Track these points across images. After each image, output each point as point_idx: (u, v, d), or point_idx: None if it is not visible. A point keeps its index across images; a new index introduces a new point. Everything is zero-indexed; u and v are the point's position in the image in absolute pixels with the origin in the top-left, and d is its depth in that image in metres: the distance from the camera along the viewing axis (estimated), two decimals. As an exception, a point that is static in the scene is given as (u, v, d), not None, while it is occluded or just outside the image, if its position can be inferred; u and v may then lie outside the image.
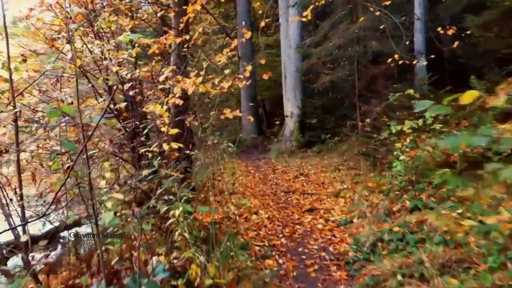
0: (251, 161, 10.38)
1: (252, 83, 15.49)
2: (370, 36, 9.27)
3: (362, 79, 9.62)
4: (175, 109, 6.87)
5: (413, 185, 4.88)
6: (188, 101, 6.57)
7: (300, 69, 10.55)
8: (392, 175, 5.41)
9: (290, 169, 8.64)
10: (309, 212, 5.32)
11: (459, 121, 6.52)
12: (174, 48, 6.88)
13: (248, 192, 6.45)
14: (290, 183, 7.37)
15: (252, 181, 7.58)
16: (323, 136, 10.25)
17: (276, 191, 6.63)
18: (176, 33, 6.38)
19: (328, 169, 8.02)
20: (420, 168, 5.05)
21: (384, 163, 7.01)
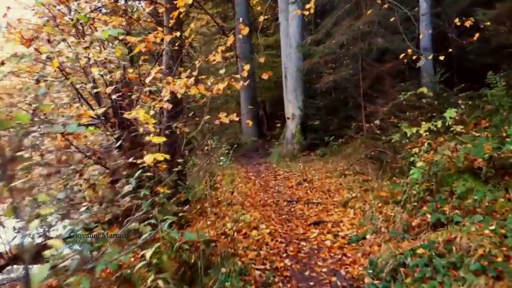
0: (251, 165, 9.78)
1: (252, 84, 14.92)
2: (375, 32, 8.67)
3: (367, 78, 9.02)
4: (168, 113, 6.30)
5: (433, 195, 4.27)
6: (182, 105, 5.99)
7: (301, 69, 9.96)
8: (406, 182, 4.81)
9: (293, 174, 8.03)
10: (315, 226, 4.71)
11: (478, 121, 5.91)
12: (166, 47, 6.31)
13: (247, 202, 5.85)
14: (293, 190, 6.77)
15: (252, 189, 6.98)
16: (327, 139, 9.65)
17: (278, 201, 6.03)
18: (167, 30, 5.82)
19: (333, 174, 7.41)
20: (440, 175, 4.44)
21: (394, 167, 6.40)
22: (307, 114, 10.56)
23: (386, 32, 8.89)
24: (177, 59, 6.18)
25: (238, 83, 4.49)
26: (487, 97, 6.19)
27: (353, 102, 9.51)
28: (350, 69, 9.22)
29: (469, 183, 4.32)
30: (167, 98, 3.85)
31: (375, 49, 8.47)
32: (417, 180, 4.33)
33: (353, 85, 9.67)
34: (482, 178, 4.27)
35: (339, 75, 9.06)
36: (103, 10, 9.54)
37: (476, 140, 4.97)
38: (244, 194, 6.46)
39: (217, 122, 4.19)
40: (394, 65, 8.85)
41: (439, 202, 4.05)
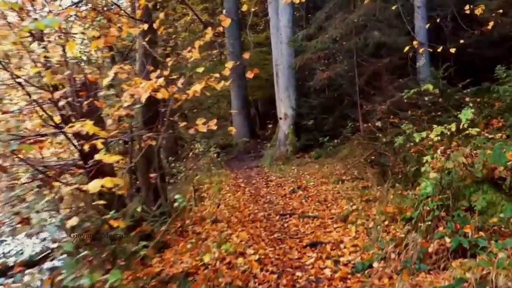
0: (242, 170, 9.04)
1: (242, 83, 14.16)
2: (371, 26, 7.96)
3: (362, 75, 8.31)
4: (143, 118, 5.53)
5: (449, 211, 3.57)
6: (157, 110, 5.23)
7: (293, 65, 9.21)
8: (415, 194, 4.11)
9: (286, 180, 7.31)
10: (312, 248, 3.99)
11: (489, 121, 5.23)
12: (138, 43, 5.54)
13: (235, 218, 5.11)
14: (286, 200, 6.05)
15: (241, 199, 6.25)
16: (321, 139, 8.95)
17: (270, 214, 5.30)
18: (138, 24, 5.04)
19: (330, 179, 6.70)
20: (455, 186, 3.75)
21: (396, 172, 5.71)
22: (300, 114, 9.84)
23: (382, 26, 8.18)
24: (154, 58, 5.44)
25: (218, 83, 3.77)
26: (496, 93, 5.51)
27: (348, 100, 8.81)
28: (344, 65, 8.51)
29: (490, 195, 3.63)
30: (128, 104, 3.09)
31: (371, 43, 7.75)
32: (428, 192, 3.62)
33: (348, 82, 8.96)
34: (505, 190, 3.59)
35: (333, 71, 8.34)
36: (82, 7, 8.71)
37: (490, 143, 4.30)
38: (232, 206, 5.73)
39: (191, 131, 3.45)
40: (392, 60, 8.16)
41: (459, 221, 3.35)
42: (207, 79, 3.70)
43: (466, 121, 3.71)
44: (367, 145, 7.40)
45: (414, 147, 5.17)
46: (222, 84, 3.90)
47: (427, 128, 5.47)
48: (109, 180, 2.28)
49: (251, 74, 4.09)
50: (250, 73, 4.11)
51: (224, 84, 3.92)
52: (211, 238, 4.30)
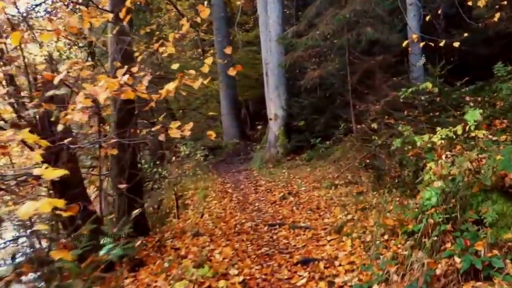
0: (230, 174, 8.57)
1: (232, 83, 13.68)
2: (363, 22, 7.55)
3: (355, 73, 7.90)
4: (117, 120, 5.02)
5: (456, 224, 3.16)
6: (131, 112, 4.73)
7: (283, 64, 8.77)
8: (416, 203, 3.69)
9: (276, 185, 6.86)
10: (304, 266, 3.54)
11: (491, 121, 4.84)
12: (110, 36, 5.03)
13: (219, 229, 4.64)
14: (276, 207, 5.60)
15: (227, 207, 5.78)
16: (313, 141, 8.50)
17: (258, 225, 4.84)
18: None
19: (322, 184, 6.27)
20: (461, 196, 3.33)
21: (392, 177, 5.30)
22: (291, 114, 9.40)
23: (375, 22, 7.78)
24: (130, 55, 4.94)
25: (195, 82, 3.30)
26: (499, 92, 5.14)
27: (340, 99, 8.39)
28: (336, 64, 8.09)
29: (500, 206, 3.21)
30: (82, 106, 2.59)
31: (363, 40, 7.34)
32: (433, 204, 3.20)
33: (340, 81, 8.55)
34: (518, 200, 3.18)
35: (324, 70, 7.91)
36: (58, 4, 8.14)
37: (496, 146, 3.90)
38: (217, 216, 5.25)
39: (161, 138, 2.97)
40: (385, 58, 7.77)
41: (468, 236, 2.93)
42: (181, 77, 3.22)
43: (473, 123, 3.29)
44: (360, 147, 6.99)
45: (412, 150, 4.76)
46: (200, 82, 3.43)
47: (426, 130, 5.09)
48: (46, 204, 1.79)
49: (234, 72, 3.63)
50: (232, 70, 3.65)
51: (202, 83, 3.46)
52: (191, 255, 3.82)
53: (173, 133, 2.98)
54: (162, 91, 3.31)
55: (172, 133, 2.97)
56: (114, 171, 4.91)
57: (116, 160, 4.83)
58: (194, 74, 3.49)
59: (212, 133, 3.45)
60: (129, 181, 4.66)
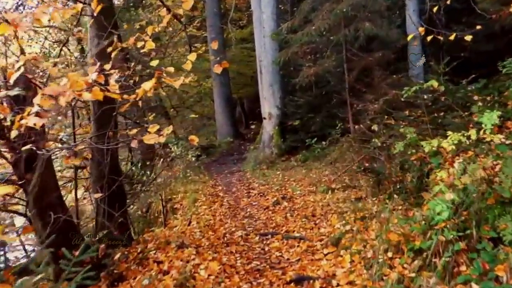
0: (222, 175, 8.13)
1: (225, 81, 13.22)
2: (361, 16, 7.12)
3: (352, 70, 7.48)
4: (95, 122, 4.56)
5: (471, 242, 2.75)
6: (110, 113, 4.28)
7: (277, 61, 8.33)
8: (423, 215, 3.28)
9: (269, 188, 6.44)
10: (297, 284, 3.13)
11: (503, 123, 4.43)
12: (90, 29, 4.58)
13: (207, 239, 4.21)
14: (269, 213, 5.18)
15: (217, 213, 5.35)
16: (308, 141, 8.10)
17: (249, 234, 4.42)
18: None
19: (318, 188, 5.86)
20: (475, 209, 2.93)
21: (393, 182, 4.90)
22: (285, 113, 8.97)
23: (373, 16, 7.36)
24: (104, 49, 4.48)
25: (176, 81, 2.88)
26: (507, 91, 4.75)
27: (337, 98, 7.98)
28: (333, 60, 7.66)
29: (519, 219, 2.82)
30: (37, 110, 2.14)
31: (361, 35, 6.90)
32: (445, 219, 2.79)
33: (337, 79, 8.13)
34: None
35: (320, 67, 7.48)
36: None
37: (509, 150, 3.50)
38: (206, 223, 4.82)
39: (133, 145, 2.54)
40: (384, 54, 7.35)
41: (486, 258, 2.53)
42: (158, 75, 2.79)
43: (490, 127, 2.88)
44: (358, 149, 6.59)
45: (415, 154, 4.35)
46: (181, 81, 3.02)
47: (430, 132, 4.68)
48: None
49: (219, 69, 3.23)
50: (218, 67, 3.25)
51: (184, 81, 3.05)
52: (174, 270, 3.40)
53: (148, 139, 2.55)
54: (139, 90, 2.88)
55: (147, 140, 2.53)
56: (94, 176, 4.47)
57: (95, 164, 4.40)
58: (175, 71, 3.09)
59: (195, 138, 3.02)
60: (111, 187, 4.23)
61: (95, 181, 4.38)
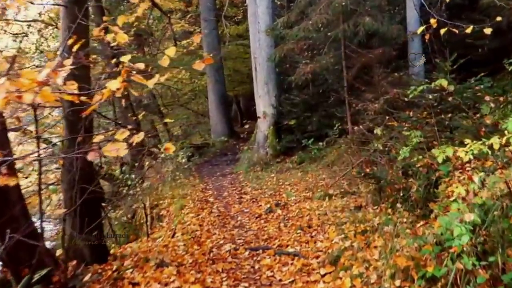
0: (214, 178, 7.66)
1: (220, 78, 12.72)
2: (361, 11, 6.65)
3: (351, 68, 7.02)
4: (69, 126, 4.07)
5: (492, 270, 2.31)
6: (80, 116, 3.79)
7: (272, 57, 7.84)
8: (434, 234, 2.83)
9: (263, 192, 5.99)
10: (290, 315, 2.68)
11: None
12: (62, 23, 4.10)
13: (191, 255, 3.75)
14: (261, 223, 4.72)
15: (205, 222, 4.88)
16: (304, 142, 7.63)
17: (238, 248, 3.95)
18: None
19: (315, 193, 5.42)
20: (498, 230, 2.48)
21: (396, 189, 4.45)
22: (281, 112, 8.50)
23: (374, 11, 6.88)
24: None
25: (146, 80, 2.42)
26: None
27: (335, 97, 7.51)
28: (330, 57, 7.17)
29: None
30: None
31: (361, 31, 6.43)
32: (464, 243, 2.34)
33: (335, 77, 7.66)
34: None
35: (317, 64, 7.00)
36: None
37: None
38: (191, 234, 4.36)
39: (91, 157, 2.06)
40: (385, 51, 6.88)
41: (515, 293, 2.08)
42: (125, 73, 2.31)
43: None
44: (357, 151, 6.14)
45: (421, 160, 3.90)
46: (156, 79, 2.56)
47: (436, 135, 4.23)
48: None
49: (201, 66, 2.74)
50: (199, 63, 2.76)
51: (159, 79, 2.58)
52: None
53: (110, 150, 2.07)
54: (105, 91, 2.40)
55: (107, 151, 2.05)
56: (65, 183, 3.99)
57: (66, 171, 3.92)
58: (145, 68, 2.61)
59: (171, 146, 2.54)
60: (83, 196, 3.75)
61: (66, 189, 3.90)
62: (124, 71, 2.37)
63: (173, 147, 2.55)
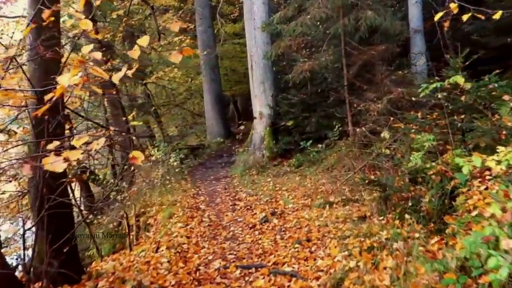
0: (207, 182, 7.18)
1: (215, 77, 12.23)
2: (362, 4, 6.17)
3: (352, 66, 6.55)
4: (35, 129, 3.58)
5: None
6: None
7: (269, 54, 7.36)
8: (456, 256, 2.36)
9: (258, 199, 5.52)
10: None
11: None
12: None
13: (174, 275, 3.27)
14: (255, 234, 4.25)
15: (194, 233, 4.40)
16: (303, 144, 7.16)
17: (228, 266, 3.47)
18: None
19: (314, 200, 4.95)
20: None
21: (404, 197, 3.98)
22: (278, 113, 8.03)
23: (376, 5, 6.41)
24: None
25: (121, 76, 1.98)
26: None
27: (335, 96, 7.04)
28: (330, 54, 6.70)
29: None
30: None
31: (363, 26, 5.96)
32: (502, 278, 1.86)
33: (335, 75, 7.20)
34: None
35: (316, 62, 6.53)
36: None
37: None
38: (178, 248, 3.88)
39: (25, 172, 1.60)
40: (388, 48, 6.41)
41: None
42: (80, 64, 1.85)
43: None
44: (359, 154, 5.68)
45: (434, 167, 3.44)
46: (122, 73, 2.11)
47: (451, 139, 3.77)
48: None
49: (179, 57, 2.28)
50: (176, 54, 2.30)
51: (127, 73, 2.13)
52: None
53: (50, 163, 1.60)
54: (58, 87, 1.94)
55: (46, 164, 1.58)
56: (32, 194, 3.51)
57: (34, 182, 3.43)
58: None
59: (138, 155, 2.07)
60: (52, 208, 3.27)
61: (34, 200, 3.42)
62: (78, 62, 1.91)
63: (141, 155, 2.08)
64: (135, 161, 2.05)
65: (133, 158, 2.04)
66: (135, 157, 2.05)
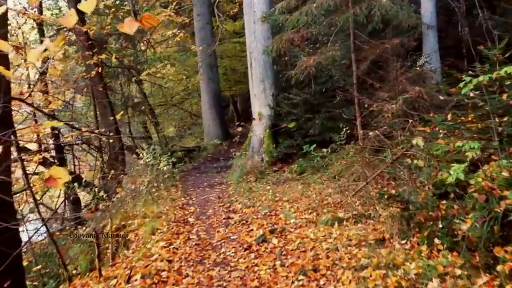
0: (200, 189, 6.40)
1: (214, 76, 11.48)
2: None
3: (362, 61, 5.78)
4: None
5: None
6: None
7: (269, 49, 6.59)
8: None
9: (255, 211, 4.74)
10: None
11: None
12: None
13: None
14: (251, 258, 3.47)
15: (178, 255, 3.62)
16: (306, 147, 6.41)
17: (213, 307, 2.71)
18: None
19: (321, 215, 4.17)
20: None
21: (432, 217, 3.21)
22: (279, 114, 7.25)
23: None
24: None
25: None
26: None
27: (342, 95, 6.27)
28: (337, 49, 5.94)
29: None
30: None
31: (376, 16, 5.18)
32: None
33: (342, 72, 6.44)
34: None
35: (322, 57, 5.76)
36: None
37: None
38: (154, 278, 3.10)
39: None
40: (403, 42, 5.64)
41: None
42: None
43: None
44: (370, 161, 4.90)
45: (477, 185, 2.66)
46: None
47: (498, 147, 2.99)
48: None
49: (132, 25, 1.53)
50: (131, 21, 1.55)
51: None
52: None
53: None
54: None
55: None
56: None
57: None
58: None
59: (60, 177, 1.32)
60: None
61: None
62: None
63: (65, 175, 1.32)
64: (54, 184, 1.30)
65: (51, 179, 1.29)
66: (53, 178, 1.29)
